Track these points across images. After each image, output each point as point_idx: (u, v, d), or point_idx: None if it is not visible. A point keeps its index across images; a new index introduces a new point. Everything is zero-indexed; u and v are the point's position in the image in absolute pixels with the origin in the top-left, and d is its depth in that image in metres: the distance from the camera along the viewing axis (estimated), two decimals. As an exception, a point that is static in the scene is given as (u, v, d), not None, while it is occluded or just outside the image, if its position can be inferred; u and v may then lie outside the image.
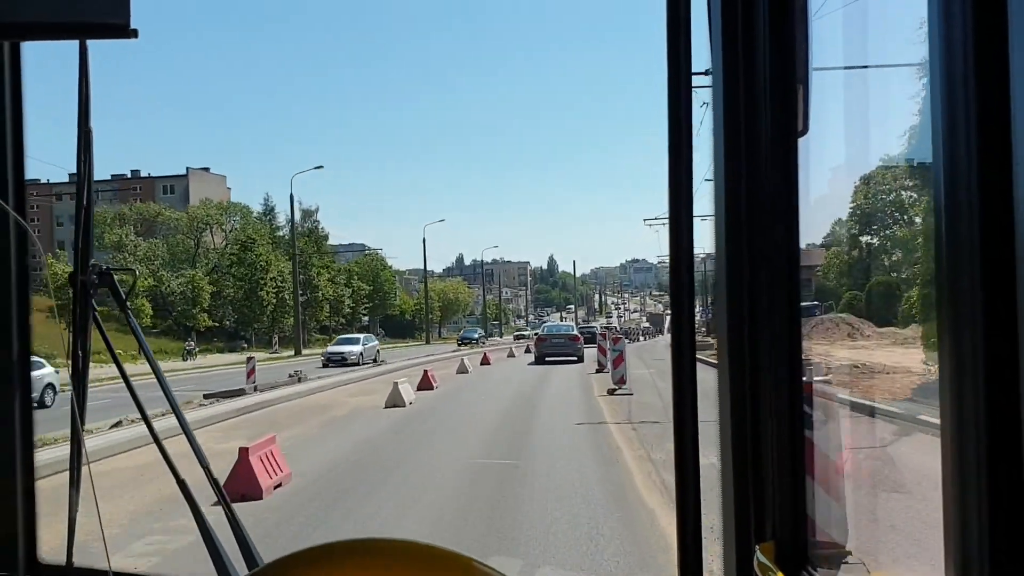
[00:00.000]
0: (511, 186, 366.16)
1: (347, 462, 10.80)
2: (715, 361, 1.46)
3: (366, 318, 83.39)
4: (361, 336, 47.62)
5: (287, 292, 63.48)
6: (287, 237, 69.28)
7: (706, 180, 1.54)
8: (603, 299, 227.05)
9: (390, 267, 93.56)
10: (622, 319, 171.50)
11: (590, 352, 31.40)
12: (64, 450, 1.91)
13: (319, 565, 1.00)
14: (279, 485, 9.05)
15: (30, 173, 1.96)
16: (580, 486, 8.78)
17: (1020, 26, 0.60)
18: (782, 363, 1.30)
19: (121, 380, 1.77)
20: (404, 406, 16.94)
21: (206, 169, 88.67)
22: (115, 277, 1.75)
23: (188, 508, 1.72)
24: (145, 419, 1.78)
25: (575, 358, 32.92)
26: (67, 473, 1.72)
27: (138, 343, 1.84)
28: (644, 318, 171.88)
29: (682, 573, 1.45)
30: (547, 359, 33.20)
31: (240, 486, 8.35)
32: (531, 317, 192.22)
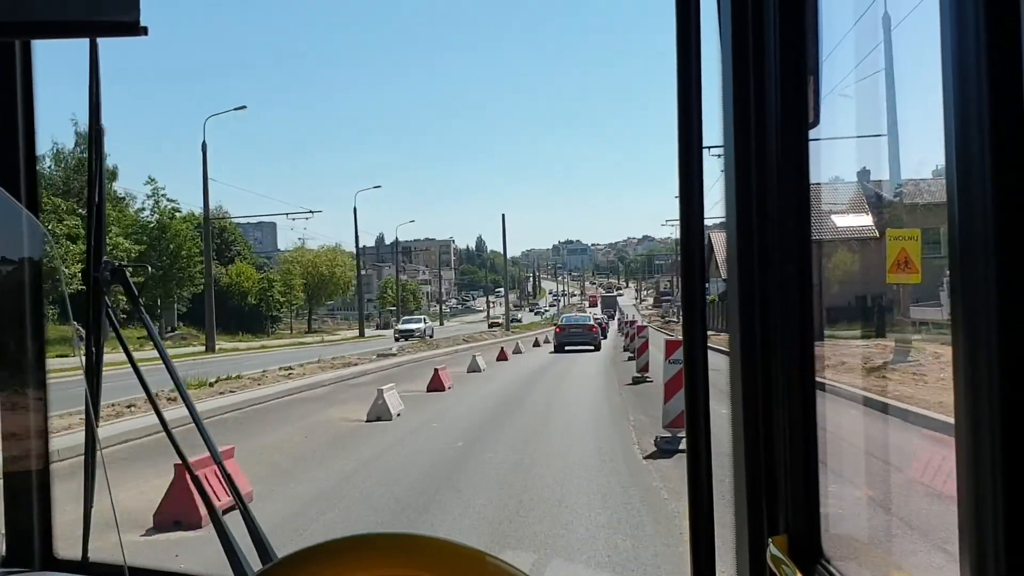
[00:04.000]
0: (443, 169, 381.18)
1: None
2: (724, 348, 1.46)
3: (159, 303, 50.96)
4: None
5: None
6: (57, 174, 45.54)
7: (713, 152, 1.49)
8: (537, 282, 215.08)
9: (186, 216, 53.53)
10: (560, 305, 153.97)
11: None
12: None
13: (332, 560, 1.01)
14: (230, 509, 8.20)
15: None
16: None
17: None
18: (794, 355, 1.30)
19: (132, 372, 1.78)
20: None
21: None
22: (127, 273, 1.76)
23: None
24: (159, 416, 1.79)
25: (592, 347, 35.36)
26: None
27: (151, 338, 1.84)
28: (587, 303, 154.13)
29: (695, 566, 1.45)
30: (566, 348, 35.36)
31: (175, 512, 6.77)
32: (453, 301, 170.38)
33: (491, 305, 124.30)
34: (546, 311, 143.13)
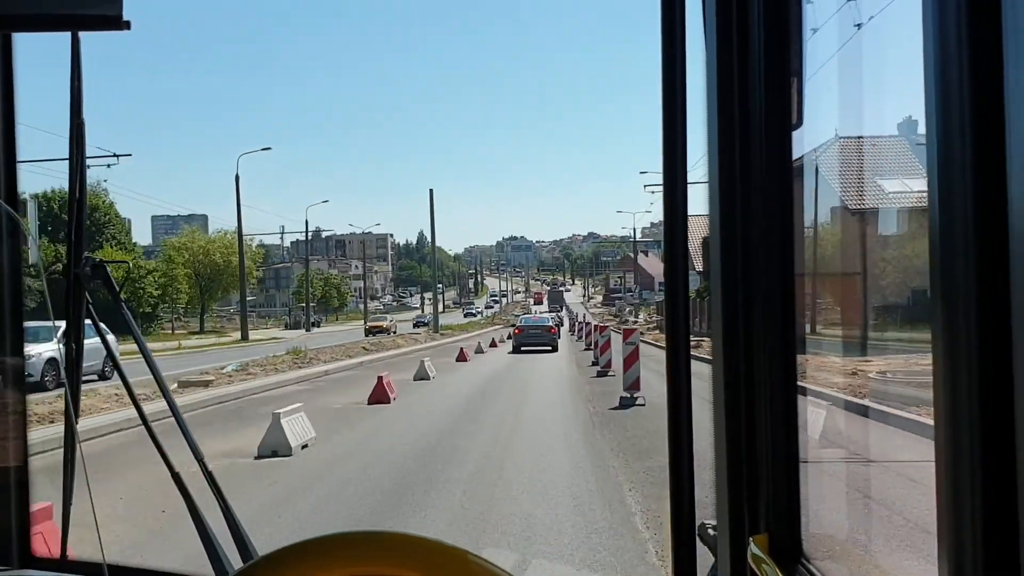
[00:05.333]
0: (385, 164, 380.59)
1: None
2: (708, 356, 1.46)
3: None
4: None
5: None
6: None
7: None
8: (480, 278, 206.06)
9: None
10: (503, 304, 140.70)
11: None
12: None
13: (314, 558, 1.00)
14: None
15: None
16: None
17: (1013, 14, 0.60)
18: (777, 355, 1.30)
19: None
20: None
21: None
22: (108, 269, 1.74)
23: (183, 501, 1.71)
24: (139, 411, 1.77)
25: (550, 348, 35.44)
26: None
27: (132, 335, 1.83)
28: (531, 300, 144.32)
29: (676, 565, 1.45)
30: (523, 348, 35.50)
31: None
32: (388, 298, 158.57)
33: (426, 302, 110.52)
34: (481, 312, 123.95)
